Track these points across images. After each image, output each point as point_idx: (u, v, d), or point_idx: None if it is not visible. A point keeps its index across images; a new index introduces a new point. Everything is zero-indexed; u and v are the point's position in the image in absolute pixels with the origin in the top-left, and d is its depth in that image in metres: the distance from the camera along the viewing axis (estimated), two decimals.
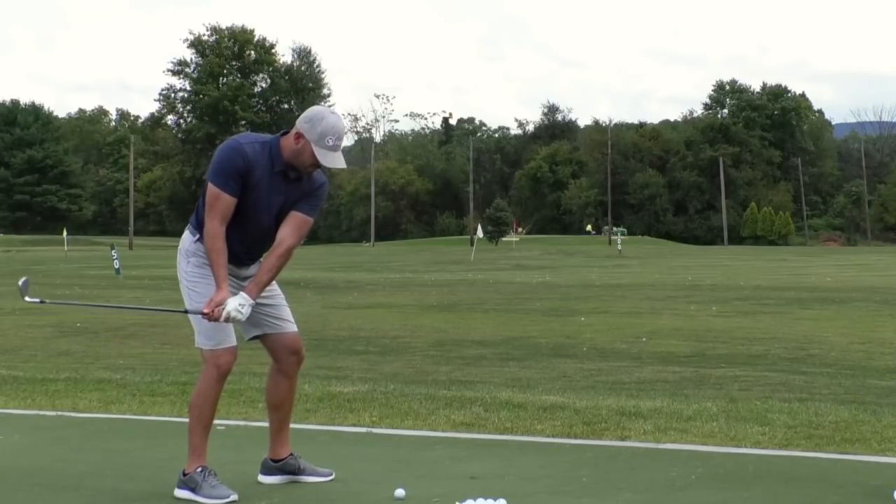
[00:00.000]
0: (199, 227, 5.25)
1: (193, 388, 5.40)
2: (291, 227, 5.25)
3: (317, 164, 5.15)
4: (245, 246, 5.29)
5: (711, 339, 14.44)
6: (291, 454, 5.48)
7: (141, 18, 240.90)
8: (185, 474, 5.20)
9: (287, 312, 5.44)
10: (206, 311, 5.10)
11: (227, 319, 5.09)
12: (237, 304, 5.08)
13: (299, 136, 5.14)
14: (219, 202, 5.12)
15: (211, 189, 5.14)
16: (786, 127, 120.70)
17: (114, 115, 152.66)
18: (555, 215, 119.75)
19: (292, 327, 5.44)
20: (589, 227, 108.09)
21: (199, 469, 5.17)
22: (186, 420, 5.33)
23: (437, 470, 5.70)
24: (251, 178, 5.14)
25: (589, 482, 5.42)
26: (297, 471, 5.46)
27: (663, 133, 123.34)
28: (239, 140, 5.23)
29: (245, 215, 5.20)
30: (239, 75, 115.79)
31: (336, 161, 5.14)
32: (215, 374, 5.21)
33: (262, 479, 5.46)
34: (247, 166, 5.12)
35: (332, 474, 5.50)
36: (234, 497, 5.10)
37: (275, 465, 5.46)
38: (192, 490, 5.13)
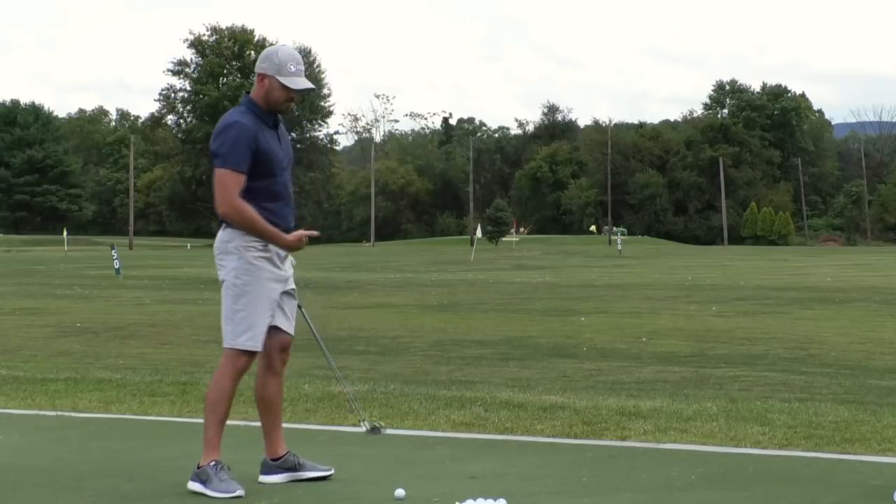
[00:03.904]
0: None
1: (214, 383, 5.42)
2: None
3: (290, 97, 5.28)
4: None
5: (711, 339, 14.43)
6: (289, 451, 5.49)
7: (141, 18, 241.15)
8: (199, 467, 5.28)
9: (294, 314, 5.53)
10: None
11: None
12: None
13: (262, 77, 5.28)
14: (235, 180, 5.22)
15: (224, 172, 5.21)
16: (786, 127, 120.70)
17: (114, 115, 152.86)
18: (555, 215, 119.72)
19: (293, 330, 5.52)
20: (593, 228, 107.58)
21: (213, 463, 5.25)
22: (186, 420, 5.33)
23: (437, 470, 5.70)
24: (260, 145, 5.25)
25: (589, 482, 5.42)
26: (296, 467, 5.47)
27: (663, 133, 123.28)
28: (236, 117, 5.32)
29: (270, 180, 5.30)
30: (239, 75, 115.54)
31: (303, 83, 5.29)
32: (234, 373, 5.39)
33: (264, 478, 5.45)
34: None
35: (331, 469, 5.52)
36: (240, 492, 5.16)
37: (274, 464, 5.47)
38: (203, 483, 5.21)
